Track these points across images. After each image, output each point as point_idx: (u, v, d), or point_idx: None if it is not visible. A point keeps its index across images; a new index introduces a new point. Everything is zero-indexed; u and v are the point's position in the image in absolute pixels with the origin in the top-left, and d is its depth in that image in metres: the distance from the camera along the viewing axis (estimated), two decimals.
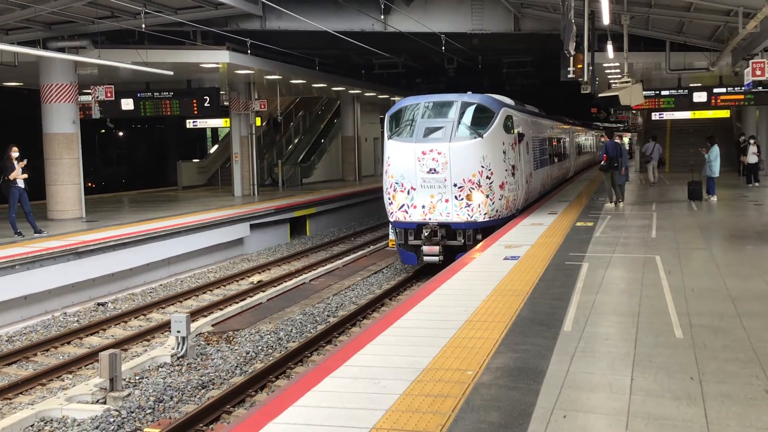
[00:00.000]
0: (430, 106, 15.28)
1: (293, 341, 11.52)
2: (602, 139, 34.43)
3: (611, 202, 18.02)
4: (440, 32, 20.48)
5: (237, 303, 14.07)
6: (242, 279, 16.74)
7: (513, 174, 15.68)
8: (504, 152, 15.24)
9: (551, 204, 19.08)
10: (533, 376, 5.63)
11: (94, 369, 10.31)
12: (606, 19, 14.45)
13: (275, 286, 15.44)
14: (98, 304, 14.27)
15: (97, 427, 8.15)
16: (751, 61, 16.67)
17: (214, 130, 44.24)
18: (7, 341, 11.94)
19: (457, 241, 14.77)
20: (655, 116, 26.58)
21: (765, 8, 12.23)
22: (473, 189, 14.55)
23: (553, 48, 18.99)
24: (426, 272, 15.39)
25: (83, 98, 20.50)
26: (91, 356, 10.76)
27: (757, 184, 22.25)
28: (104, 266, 14.72)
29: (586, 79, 14.86)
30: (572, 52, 13.97)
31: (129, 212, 20.88)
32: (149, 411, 8.63)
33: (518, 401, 5.12)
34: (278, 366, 10.00)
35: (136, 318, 13.39)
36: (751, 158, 22.67)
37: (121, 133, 46.05)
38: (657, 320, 7.24)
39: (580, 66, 14.57)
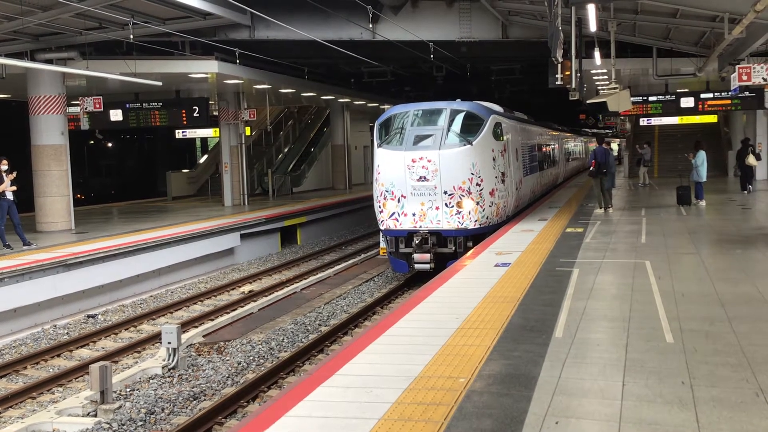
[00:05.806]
0: (420, 114, 15.32)
1: (285, 351, 11.49)
2: (591, 145, 34.57)
3: (601, 208, 18.08)
4: (428, 40, 20.54)
5: (228, 313, 14.02)
6: (233, 289, 16.69)
7: (503, 181, 15.73)
8: (494, 159, 15.28)
9: (541, 210, 19.13)
10: (525, 383, 5.64)
11: (85, 382, 10.24)
12: (593, 26, 14.52)
13: (266, 296, 15.41)
14: (88, 316, 14.19)
15: None
16: (737, 66, 16.82)
17: (204, 140, 44.15)
18: None
19: (447, 248, 14.79)
20: (643, 122, 26.71)
21: (750, 14, 12.34)
22: (463, 196, 14.58)
23: (541, 55, 19.14)
24: (417, 280, 15.38)
25: (72, 109, 20.42)
26: (82, 369, 10.69)
27: (746, 192, 21.88)
28: (94, 278, 14.65)
29: (574, 85, 14.92)
30: (560, 59, 14.02)
31: (118, 223, 20.79)
32: (140, 423, 8.59)
33: (510, 408, 5.12)
34: (270, 376, 9.97)
35: (126, 330, 13.32)
36: (751, 160, 22.38)
37: (110, 144, 45.91)
38: (648, 325, 7.26)
39: (567, 73, 14.62)
